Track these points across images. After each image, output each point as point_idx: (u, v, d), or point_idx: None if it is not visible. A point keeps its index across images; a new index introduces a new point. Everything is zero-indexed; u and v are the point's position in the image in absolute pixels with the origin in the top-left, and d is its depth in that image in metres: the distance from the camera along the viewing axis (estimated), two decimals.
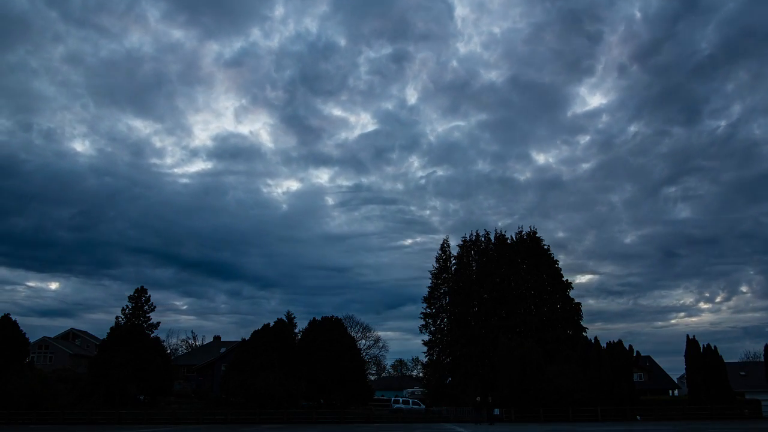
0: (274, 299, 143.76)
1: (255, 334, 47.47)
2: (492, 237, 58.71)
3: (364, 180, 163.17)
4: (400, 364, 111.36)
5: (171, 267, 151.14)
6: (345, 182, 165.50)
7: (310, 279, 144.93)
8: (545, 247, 56.25)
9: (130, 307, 49.80)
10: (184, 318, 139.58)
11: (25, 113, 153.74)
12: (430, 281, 58.83)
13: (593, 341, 45.73)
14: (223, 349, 65.25)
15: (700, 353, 42.94)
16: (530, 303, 53.66)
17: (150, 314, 50.19)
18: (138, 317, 49.36)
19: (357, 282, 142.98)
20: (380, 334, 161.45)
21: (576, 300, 53.62)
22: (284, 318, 49.87)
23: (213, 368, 60.82)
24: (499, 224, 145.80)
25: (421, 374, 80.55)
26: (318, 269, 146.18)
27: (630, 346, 45.74)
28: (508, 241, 57.60)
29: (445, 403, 50.78)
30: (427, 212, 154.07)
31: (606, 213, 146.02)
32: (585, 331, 52.18)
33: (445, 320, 57.18)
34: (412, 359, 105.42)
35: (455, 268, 58.25)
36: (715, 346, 43.21)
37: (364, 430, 31.21)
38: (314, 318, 50.00)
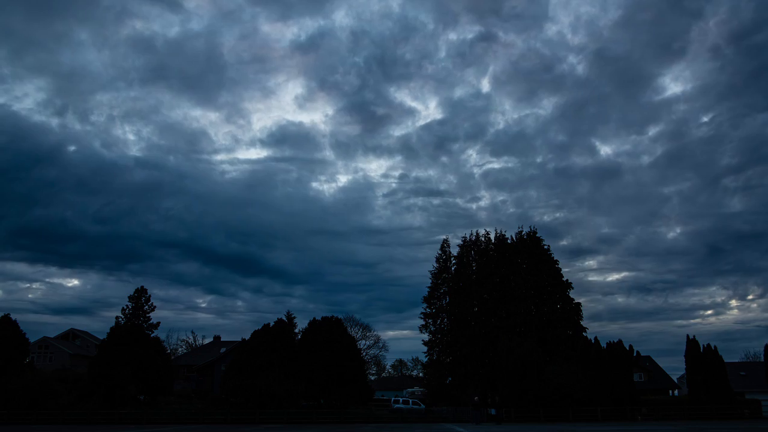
0: (296, 297, 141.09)
1: (255, 334, 47.53)
2: (492, 237, 58.79)
3: (419, 172, 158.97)
4: (400, 364, 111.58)
5: (204, 265, 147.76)
6: (398, 174, 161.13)
7: (336, 275, 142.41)
8: (545, 247, 56.25)
9: (130, 307, 49.79)
10: (202, 316, 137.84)
11: (73, 96, 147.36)
12: (430, 281, 58.93)
13: (593, 341, 45.73)
14: (223, 349, 65.29)
15: (700, 353, 42.94)
16: (530, 303, 53.60)
17: (150, 314, 50.20)
18: (138, 317, 49.34)
19: (384, 278, 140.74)
20: (399, 332, 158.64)
21: (583, 299, 53.73)
22: (284, 318, 49.86)
23: (213, 368, 60.85)
24: (545, 218, 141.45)
25: (421, 374, 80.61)
26: (345, 265, 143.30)
27: (630, 346, 45.82)
28: (508, 241, 57.62)
29: (445, 403, 50.80)
30: (474, 206, 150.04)
31: (657, 207, 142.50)
32: (585, 331, 52.17)
33: (445, 320, 57.17)
34: (413, 359, 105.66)
35: (455, 268, 58.25)
36: (715, 346, 43.26)
37: (364, 430, 31.20)
38: (314, 318, 50.06)
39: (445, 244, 60.30)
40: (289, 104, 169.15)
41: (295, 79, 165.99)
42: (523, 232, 57.50)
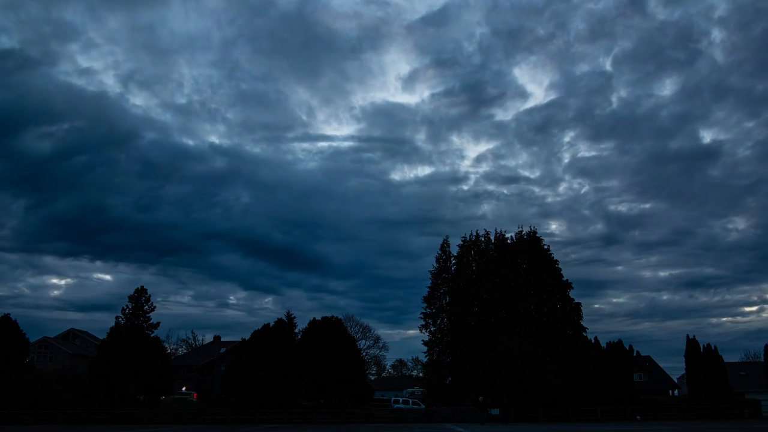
0: (331, 293, 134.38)
1: (255, 334, 47.55)
2: (492, 237, 58.79)
3: (507, 160, 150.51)
4: (400, 364, 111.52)
5: (244, 258, 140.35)
6: (483, 160, 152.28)
7: (378, 269, 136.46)
8: (545, 247, 56.28)
9: (130, 307, 49.84)
10: (231, 313, 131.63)
11: (151, 68, 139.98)
12: (429, 281, 58.87)
13: (593, 341, 45.74)
14: (223, 349, 65.24)
15: (700, 353, 42.94)
16: (530, 303, 53.63)
17: (150, 314, 50.24)
18: (138, 317, 49.37)
19: (425, 272, 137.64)
20: (418, 332, 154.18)
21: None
22: (284, 318, 49.85)
23: (213, 368, 60.78)
24: (620, 208, 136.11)
25: (421, 374, 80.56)
26: (391, 257, 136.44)
27: (630, 346, 45.81)
28: (508, 241, 57.64)
29: (445, 403, 50.74)
30: (549, 195, 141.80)
31: (740, 197, 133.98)
32: (585, 331, 52.21)
33: (445, 320, 57.16)
34: (413, 359, 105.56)
35: (455, 268, 58.23)
36: (715, 346, 43.28)
37: (364, 430, 31.20)
38: (314, 318, 50.05)
39: (445, 244, 60.29)
40: (392, 83, 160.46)
41: (407, 54, 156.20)
42: (523, 232, 57.60)
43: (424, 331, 57.28)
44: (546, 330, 51.44)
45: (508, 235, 58.19)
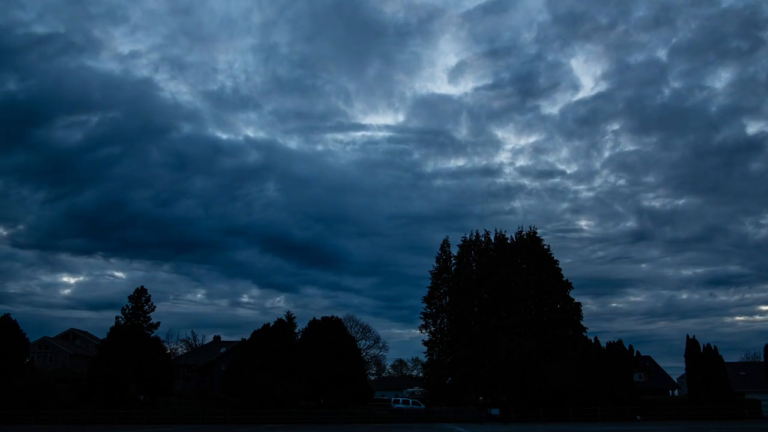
0: (346, 290, 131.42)
1: (255, 334, 47.57)
2: (492, 237, 58.79)
3: (550, 156, 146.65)
4: (400, 364, 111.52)
5: (269, 257, 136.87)
6: (522, 154, 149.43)
7: (397, 266, 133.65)
8: (545, 247, 56.28)
9: (130, 307, 49.82)
10: (243, 312, 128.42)
11: (188, 57, 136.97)
12: (429, 281, 58.86)
13: (593, 341, 45.75)
14: (223, 349, 65.25)
15: (700, 353, 42.95)
16: (530, 303, 53.64)
17: (150, 314, 50.21)
18: (138, 317, 49.36)
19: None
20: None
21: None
22: (284, 318, 49.87)
23: (213, 368, 60.80)
24: (654, 203, 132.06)
25: (421, 374, 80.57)
26: (407, 253, 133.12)
27: (630, 346, 45.79)
28: (508, 241, 57.65)
29: (445, 403, 50.75)
30: (583, 193, 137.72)
31: None
32: (585, 331, 52.23)
33: (445, 320, 57.17)
34: (412, 359, 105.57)
35: (455, 268, 58.23)
36: (715, 346, 43.28)
37: (364, 430, 31.20)
38: (314, 318, 50.08)
39: (445, 244, 60.28)
40: (439, 74, 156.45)
41: (460, 42, 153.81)
42: (523, 233, 57.60)
43: (424, 331, 57.39)
44: (546, 330, 51.44)
45: (508, 235, 58.30)
